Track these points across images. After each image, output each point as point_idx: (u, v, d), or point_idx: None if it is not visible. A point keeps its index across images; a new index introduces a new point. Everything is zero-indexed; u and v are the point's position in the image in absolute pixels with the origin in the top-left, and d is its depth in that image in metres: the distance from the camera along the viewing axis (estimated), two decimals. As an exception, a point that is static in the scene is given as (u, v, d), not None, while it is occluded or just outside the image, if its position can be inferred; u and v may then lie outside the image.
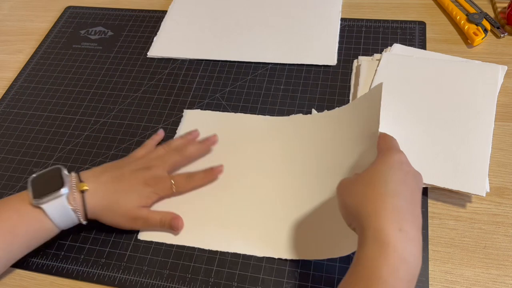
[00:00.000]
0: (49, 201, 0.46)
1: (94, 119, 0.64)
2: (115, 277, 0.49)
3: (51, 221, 0.47)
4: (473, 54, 0.64)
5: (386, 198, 0.37)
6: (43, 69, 0.72)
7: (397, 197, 0.37)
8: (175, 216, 0.51)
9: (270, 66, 0.67)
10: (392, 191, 0.38)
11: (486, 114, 0.54)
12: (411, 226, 0.36)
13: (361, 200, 0.38)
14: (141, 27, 0.76)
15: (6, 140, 0.63)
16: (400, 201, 0.37)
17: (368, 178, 0.40)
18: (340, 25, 0.70)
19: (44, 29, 0.79)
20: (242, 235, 0.50)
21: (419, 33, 0.67)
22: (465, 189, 0.49)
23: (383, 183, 0.38)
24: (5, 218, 0.46)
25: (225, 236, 0.51)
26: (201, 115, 0.62)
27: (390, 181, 0.38)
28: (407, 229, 0.36)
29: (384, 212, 0.36)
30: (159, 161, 0.53)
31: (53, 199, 0.46)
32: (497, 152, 0.53)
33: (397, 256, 0.35)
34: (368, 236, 0.36)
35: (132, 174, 0.51)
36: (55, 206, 0.46)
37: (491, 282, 0.45)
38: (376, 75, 0.60)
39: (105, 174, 0.51)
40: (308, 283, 0.47)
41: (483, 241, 0.48)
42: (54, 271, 0.51)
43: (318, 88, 0.63)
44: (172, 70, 0.69)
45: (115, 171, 0.51)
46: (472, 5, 0.69)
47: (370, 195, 0.38)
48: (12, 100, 0.68)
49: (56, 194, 0.46)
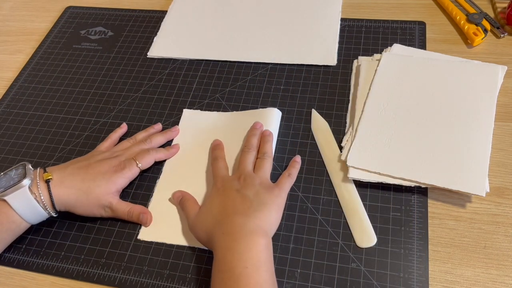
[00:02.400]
0: (12, 192, 0.47)
1: (94, 119, 0.64)
2: (115, 277, 0.49)
3: (16, 213, 0.47)
4: (473, 54, 0.64)
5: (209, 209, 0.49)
6: (43, 69, 0.72)
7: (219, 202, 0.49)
8: (144, 211, 0.52)
9: (270, 66, 0.67)
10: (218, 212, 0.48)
11: (486, 114, 0.54)
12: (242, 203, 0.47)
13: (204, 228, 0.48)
14: (141, 27, 0.76)
15: (6, 140, 0.63)
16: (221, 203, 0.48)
17: (202, 210, 0.50)
18: (340, 25, 0.70)
19: (44, 29, 0.79)
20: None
21: (419, 33, 0.67)
22: (465, 189, 0.49)
23: (209, 208, 0.49)
24: None
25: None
26: (198, 115, 0.62)
27: (214, 204, 0.49)
28: (240, 207, 0.47)
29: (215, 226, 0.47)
30: (125, 152, 0.55)
31: (15, 191, 0.47)
32: (497, 152, 0.53)
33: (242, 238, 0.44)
34: (214, 242, 0.46)
35: (98, 163, 0.53)
36: (18, 197, 0.47)
37: (491, 282, 0.45)
38: (376, 75, 0.60)
39: (71, 166, 0.52)
40: (308, 283, 0.47)
41: (483, 241, 0.48)
42: (55, 271, 0.51)
43: (318, 88, 0.63)
44: (172, 70, 0.69)
45: (81, 162, 0.53)
46: (472, 5, 0.69)
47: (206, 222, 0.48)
48: (12, 100, 0.68)
49: (18, 186, 0.47)
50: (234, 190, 0.49)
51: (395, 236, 0.49)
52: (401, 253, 0.48)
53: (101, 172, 0.51)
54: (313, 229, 0.50)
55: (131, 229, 0.53)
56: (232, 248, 0.43)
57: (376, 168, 0.51)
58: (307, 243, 0.49)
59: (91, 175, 0.51)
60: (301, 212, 0.52)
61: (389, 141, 0.53)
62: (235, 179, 0.51)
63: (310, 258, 0.48)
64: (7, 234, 0.48)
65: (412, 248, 0.48)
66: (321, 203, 0.52)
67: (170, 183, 0.56)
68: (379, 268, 0.47)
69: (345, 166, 0.53)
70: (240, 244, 0.43)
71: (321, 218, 0.51)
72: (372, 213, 0.50)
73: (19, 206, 0.47)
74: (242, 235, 0.44)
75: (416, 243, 0.48)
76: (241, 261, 0.42)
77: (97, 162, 0.53)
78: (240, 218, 0.46)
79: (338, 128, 0.58)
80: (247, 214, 0.46)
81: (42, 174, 0.49)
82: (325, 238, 0.50)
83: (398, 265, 0.47)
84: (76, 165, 0.52)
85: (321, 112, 0.60)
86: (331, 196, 0.52)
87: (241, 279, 0.41)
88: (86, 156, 0.55)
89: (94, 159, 0.53)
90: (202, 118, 0.61)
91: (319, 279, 0.47)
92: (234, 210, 0.47)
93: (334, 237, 0.50)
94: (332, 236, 0.50)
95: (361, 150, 0.53)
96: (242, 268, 0.42)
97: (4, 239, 0.49)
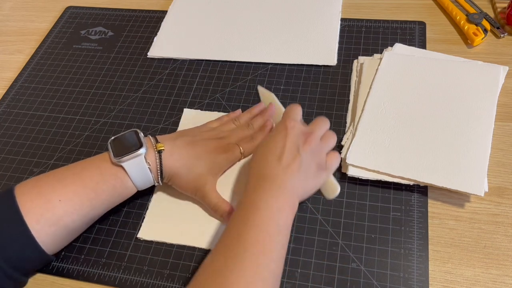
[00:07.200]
0: (129, 159, 0.47)
1: (95, 119, 0.64)
2: (116, 277, 0.49)
3: (129, 179, 0.48)
4: (473, 54, 0.64)
5: (267, 148, 0.48)
6: (43, 69, 0.72)
7: (276, 145, 0.47)
8: (231, 211, 0.51)
9: (270, 66, 0.67)
10: (273, 146, 0.47)
11: (486, 114, 0.54)
12: (291, 161, 0.45)
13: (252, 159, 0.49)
14: (141, 27, 0.76)
15: (6, 140, 0.63)
16: (278, 148, 0.47)
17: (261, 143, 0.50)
18: (340, 25, 0.70)
19: (44, 29, 0.79)
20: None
21: (419, 33, 0.67)
22: (464, 188, 0.49)
23: (265, 142, 0.49)
24: (88, 176, 0.47)
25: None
26: (199, 114, 0.62)
27: (273, 140, 0.48)
28: (287, 163, 0.45)
29: (263, 156, 0.47)
30: (230, 133, 0.55)
31: (132, 158, 0.48)
32: (497, 152, 0.53)
33: (274, 186, 0.44)
34: (251, 175, 0.47)
35: (204, 141, 0.53)
36: (134, 164, 0.48)
37: (491, 282, 0.45)
38: (378, 73, 0.60)
39: (180, 138, 0.52)
40: (308, 283, 0.47)
41: (483, 241, 0.48)
42: (55, 271, 0.51)
43: (318, 88, 0.63)
44: (172, 70, 0.69)
45: (189, 136, 0.53)
46: (472, 5, 0.69)
47: (256, 154, 0.49)
48: (12, 100, 0.69)
49: (135, 153, 0.48)
50: (295, 146, 0.47)
51: (395, 236, 0.49)
52: (401, 253, 0.48)
53: (206, 151, 0.52)
54: (313, 229, 0.50)
55: (131, 229, 0.53)
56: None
57: (376, 166, 0.51)
58: (307, 243, 0.49)
59: (196, 153, 0.51)
60: (301, 212, 0.52)
61: (389, 140, 0.53)
62: (302, 137, 0.48)
63: (310, 258, 0.48)
64: (117, 199, 0.50)
65: (412, 248, 0.48)
66: (321, 203, 0.52)
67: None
68: (379, 268, 0.47)
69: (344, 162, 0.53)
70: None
71: (321, 218, 0.51)
72: (372, 213, 0.51)
73: (134, 173, 0.48)
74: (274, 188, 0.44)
75: (416, 243, 0.48)
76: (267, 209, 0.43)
77: (203, 140, 0.53)
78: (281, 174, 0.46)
79: (338, 128, 0.58)
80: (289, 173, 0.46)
81: (155, 143, 0.50)
82: (325, 238, 0.50)
83: (398, 265, 0.47)
84: (185, 139, 0.52)
85: (321, 112, 0.60)
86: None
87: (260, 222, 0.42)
88: (194, 130, 0.56)
89: (201, 136, 0.54)
90: (202, 117, 0.61)
91: (319, 279, 0.47)
92: (279, 161, 0.46)
93: (334, 237, 0.50)
94: (332, 236, 0.50)
95: (361, 148, 0.53)
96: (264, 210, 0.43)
97: (113, 203, 0.50)
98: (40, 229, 0.45)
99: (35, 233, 0.44)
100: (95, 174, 0.47)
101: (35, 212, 0.45)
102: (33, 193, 0.46)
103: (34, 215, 0.45)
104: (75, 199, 0.46)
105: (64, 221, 0.46)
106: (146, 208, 0.54)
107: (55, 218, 0.45)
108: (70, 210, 0.46)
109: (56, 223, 0.46)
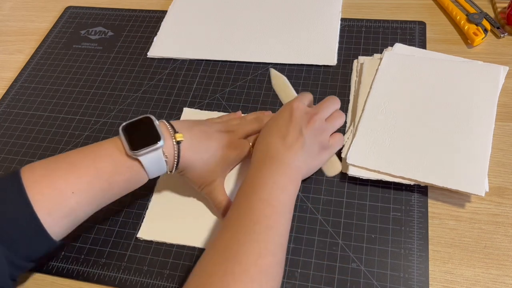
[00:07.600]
0: (147, 153, 0.45)
1: (94, 119, 0.64)
2: (116, 277, 0.49)
3: (145, 171, 0.46)
4: (473, 54, 0.64)
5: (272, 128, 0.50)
6: (43, 69, 0.72)
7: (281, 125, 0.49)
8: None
9: (270, 66, 0.67)
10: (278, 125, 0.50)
11: (487, 114, 0.54)
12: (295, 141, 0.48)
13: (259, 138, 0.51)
14: (141, 27, 0.76)
15: (6, 140, 0.63)
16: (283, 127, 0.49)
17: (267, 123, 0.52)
18: (340, 25, 0.70)
19: (44, 29, 0.79)
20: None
21: (419, 33, 0.67)
22: (464, 188, 0.49)
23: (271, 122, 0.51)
24: (102, 167, 0.45)
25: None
26: (199, 114, 0.62)
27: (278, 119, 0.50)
28: (291, 142, 0.47)
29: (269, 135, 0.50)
30: (238, 127, 0.55)
31: (150, 152, 0.45)
32: (497, 152, 0.53)
33: (280, 165, 0.46)
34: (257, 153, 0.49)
35: (218, 134, 0.51)
36: (151, 158, 0.46)
37: (491, 282, 0.45)
38: (378, 73, 0.60)
39: (196, 127, 0.50)
40: (308, 283, 0.47)
41: (483, 241, 0.48)
42: (55, 271, 0.51)
43: (318, 88, 0.63)
44: (172, 70, 0.69)
45: (203, 125, 0.51)
46: (472, 5, 0.69)
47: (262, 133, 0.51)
48: (12, 100, 0.69)
49: (154, 147, 0.45)
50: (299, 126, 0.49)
51: (395, 236, 0.49)
52: (401, 253, 0.48)
53: (220, 147, 0.51)
54: (313, 229, 0.50)
55: (131, 229, 0.53)
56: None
57: (376, 166, 0.51)
58: (307, 243, 0.49)
59: (212, 147, 0.50)
60: (301, 212, 0.52)
61: (389, 140, 0.53)
62: (305, 117, 0.50)
63: (310, 258, 0.48)
64: (130, 189, 0.48)
65: (412, 248, 0.48)
66: (321, 203, 0.52)
67: (171, 181, 0.56)
68: (379, 268, 0.47)
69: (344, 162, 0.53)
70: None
71: (321, 218, 0.51)
72: (372, 213, 0.51)
73: (150, 165, 0.46)
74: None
75: (416, 243, 0.48)
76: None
77: (217, 133, 0.51)
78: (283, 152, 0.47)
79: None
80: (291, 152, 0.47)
81: (173, 133, 0.47)
82: (325, 238, 0.50)
83: (398, 265, 0.47)
84: (200, 128, 0.50)
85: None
86: (331, 196, 0.52)
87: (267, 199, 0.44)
88: (203, 121, 0.54)
89: (213, 128, 0.52)
90: (202, 116, 0.61)
91: (319, 279, 0.47)
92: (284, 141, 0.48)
93: (334, 237, 0.50)
94: (332, 236, 0.50)
95: (361, 148, 0.53)
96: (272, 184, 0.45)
97: (125, 193, 0.48)
98: (51, 222, 0.43)
99: (47, 225, 0.42)
100: (109, 165, 0.45)
101: (46, 206, 0.43)
102: (44, 184, 0.44)
103: (46, 208, 0.43)
104: (90, 192, 0.44)
105: (76, 212, 0.44)
106: (146, 208, 0.54)
107: (67, 209, 0.44)
108: (83, 202, 0.44)
109: (68, 215, 0.44)
